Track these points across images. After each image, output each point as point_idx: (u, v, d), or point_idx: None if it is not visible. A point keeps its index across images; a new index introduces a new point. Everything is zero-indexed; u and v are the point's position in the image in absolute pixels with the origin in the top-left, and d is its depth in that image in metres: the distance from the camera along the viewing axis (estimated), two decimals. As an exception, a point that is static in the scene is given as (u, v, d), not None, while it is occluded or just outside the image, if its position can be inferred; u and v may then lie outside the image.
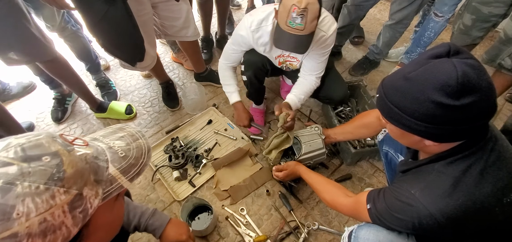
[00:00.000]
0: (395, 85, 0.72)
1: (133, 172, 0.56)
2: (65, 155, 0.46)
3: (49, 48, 1.51)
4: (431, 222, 0.71)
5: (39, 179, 0.42)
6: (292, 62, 1.57)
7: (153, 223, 1.04)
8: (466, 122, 0.65)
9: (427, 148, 0.76)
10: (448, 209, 0.70)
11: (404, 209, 0.77)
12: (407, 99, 0.68)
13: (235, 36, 1.52)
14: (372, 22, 2.87)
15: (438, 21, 1.88)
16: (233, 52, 1.58)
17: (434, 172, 0.76)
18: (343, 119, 1.86)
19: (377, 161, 1.70)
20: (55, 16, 1.72)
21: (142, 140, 0.63)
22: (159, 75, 2.01)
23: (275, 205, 1.50)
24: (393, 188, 0.84)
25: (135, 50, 1.52)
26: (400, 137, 0.80)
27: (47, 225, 0.42)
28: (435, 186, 0.74)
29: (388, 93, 0.74)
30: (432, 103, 0.64)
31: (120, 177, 0.54)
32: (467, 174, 0.71)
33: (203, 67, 2.14)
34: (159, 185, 1.61)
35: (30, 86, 2.19)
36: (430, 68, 0.65)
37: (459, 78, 0.61)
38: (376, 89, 0.80)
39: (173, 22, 1.69)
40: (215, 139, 1.82)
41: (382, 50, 2.18)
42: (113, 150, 0.56)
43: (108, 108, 1.95)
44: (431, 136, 0.70)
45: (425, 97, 0.65)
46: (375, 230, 0.89)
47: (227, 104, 2.06)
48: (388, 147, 1.22)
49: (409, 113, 0.69)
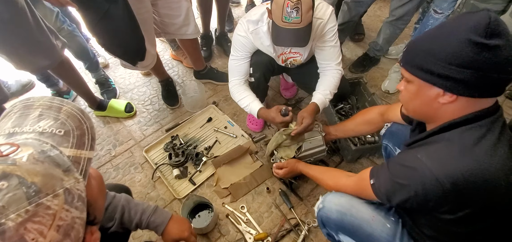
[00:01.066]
0: (426, 34, 0.72)
1: (87, 141, 0.52)
2: (15, 170, 0.40)
3: (55, 53, 1.49)
4: (436, 187, 0.69)
5: (20, 205, 0.38)
6: (296, 58, 1.56)
7: (155, 220, 1.03)
8: (491, 67, 0.65)
9: (439, 110, 0.74)
10: (456, 174, 0.68)
11: (408, 174, 0.75)
12: (437, 41, 0.69)
13: (237, 44, 1.49)
14: (373, 18, 2.86)
15: (438, 18, 1.87)
16: (240, 62, 1.53)
17: (444, 140, 0.74)
18: (344, 117, 1.86)
19: (377, 158, 1.70)
20: (47, 17, 1.69)
21: (65, 105, 0.54)
22: (158, 73, 2.01)
23: (276, 203, 1.50)
24: (397, 156, 0.83)
25: (136, 50, 1.51)
26: (414, 97, 0.78)
27: (64, 228, 0.42)
28: (444, 152, 0.72)
29: (417, 40, 0.74)
30: (461, 42, 0.65)
31: (81, 153, 0.50)
32: (480, 143, 0.69)
33: (203, 64, 2.13)
34: (159, 183, 1.61)
35: (28, 84, 2.18)
36: (465, 15, 0.68)
37: (492, 20, 0.63)
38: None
39: (173, 20, 1.68)
40: (215, 136, 1.82)
41: (383, 47, 2.17)
42: (48, 133, 0.49)
43: (108, 106, 1.94)
44: (451, 86, 0.69)
45: (456, 36, 0.66)
46: (339, 195, 1.02)
47: (227, 102, 2.06)
48: (388, 141, 1.23)
49: (436, 54, 0.69)
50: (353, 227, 0.95)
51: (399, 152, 0.87)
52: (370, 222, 0.92)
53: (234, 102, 2.03)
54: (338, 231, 1.00)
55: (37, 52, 1.43)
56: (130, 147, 1.81)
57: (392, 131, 1.21)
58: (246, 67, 1.55)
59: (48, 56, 1.47)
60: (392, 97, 2.09)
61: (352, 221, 0.94)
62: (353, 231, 0.95)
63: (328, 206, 1.01)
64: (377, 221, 0.92)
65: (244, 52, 1.50)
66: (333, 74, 1.51)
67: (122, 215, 0.98)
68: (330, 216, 1.00)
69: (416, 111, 0.83)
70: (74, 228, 0.44)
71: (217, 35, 2.47)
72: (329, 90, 1.48)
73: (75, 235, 0.44)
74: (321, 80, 1.54)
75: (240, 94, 1.56)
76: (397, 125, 1.17)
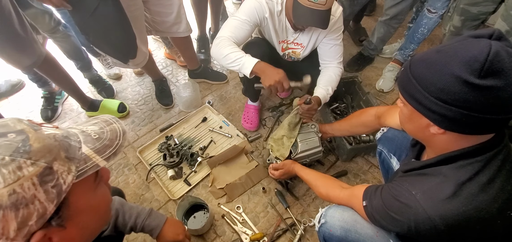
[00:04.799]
0: (424, 57, 0.68)
1: (108, 152, 0.57)
2: (31, 132, 0.47)
3: (36, 49, 1.46)
4: (429, 226, 0.68)
5: (4, 152, 0.43)
6: (295, 50, 1.56)
7: (150, 223, 1.02)
8: (485, 108, 0.59)
9: (432, 138, 0.72)
10: (449, 215, 0.66)
11: (402, 210, 0.74)
12: (429, 71, 0.65)
13: (246, 8, 1.37)
14: (366, 18, 2.86)
15: (431, 18, 1.88)
16: (242, 24, 1.37)
17: (441, 176, 0.71)
18: (339, 116, 1.87)
19: (372, 157, 1.71)
20: (42, 18, 1.65)
21: (117, 124, 0.63)
22: (151, 73, 1.98)
23: (271, 202, 1.50)
24: (392, 185, 0.80)
25: (127, 47, 1.48)
26: (408, 120, 0.77)
27: (18, 197, 0.42)
28: (439, 189, 0.69)
29: (413, 64, 0.70)
30: (452, 77, 0.60)
31: (95, 156, 0.54)
32: (474, 180, 0.67)
33: (197, 63, 2.11)
34: (154, 184, 1.59)
35: (18, 84, 2.13)
36: (465, 43, 0.61)
37: (489, 56, 0.56)
38: None
39: (164, 18, 1.65)
40: (210, 136, 1.80)
41: (377, 46, 2.18)
42: (86, 133, 0.57)
43: (100, 106, 1.91)
44: (439, 120, 0.66)
45: (448, 70, 0.61)
46: (342, 209, 0.95)
47: (222, 101, 2.05)
48: (383, 147, 1.22)
49: (426, 86, 0.65)
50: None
51: (394, 180, 0.84)
52: (375, 239, 0.89)
53: (229, 102, 2.04)
54: None
55: (23, 50, 1.40)
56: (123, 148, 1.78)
57: (388, 137, 1.20)
58: (244, 34, 1.39)
59: (33, 53, 1.44)
60: (387, 96, 2.10)
61: (357, 238, 0.90)
62: None
63: (331, 222, 0.95)
64: (381, 237, 0.89)
65: (249, 18, 1.38)
66: (335, 72, 1.54)
67: (116, 218, 0.97)
68: (333, 233, 0.94)
69: (411, 133, 0.81)
70: (28, 208, 0.43)
71: (212, 34, 2.45)
72: (331, 87, 1.51)
73: (24, 216, 0.43)
74: (322, 76, 1.55)
75: (229, 48, 1.33)
76: (394, 131, 1.16)
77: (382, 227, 0.84)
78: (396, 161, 1.15)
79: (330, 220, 0.95)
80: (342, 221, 0.93)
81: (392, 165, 1.17)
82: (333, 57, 1.53)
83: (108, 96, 2.05)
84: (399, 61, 2.18)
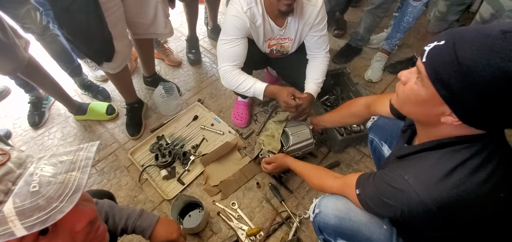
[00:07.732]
0: (482, 34, 0.57)
1: (35, 218, 0.42)
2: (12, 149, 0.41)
3: (18, 54, 1.41)
4: (421, 209, 0.68)
5: None
6: (284, 44, 1.57)
7: (141, 224, 1.01)
8: None
9: (437, 125, 0.70)
10: (441, 197, 0.66)
11: (395, 195, 0.74)
12: (482, 56, 0.55)
13: (228, 27, 1.41)
14: (352, 10, 2.88)
15: (416, 6, 1.91)
16: (231, 45, 1.43)
17: (434, 159, 0.71)
18: (329, 108, 1.88)
19: (363, 147, 1.73)
20: (32, 17, 1.60)
21: (76, 173, 0.47)
22: (124, 91, 1.78)
23: (266, 197, 1.51)
24: (385, 172, 0.81)
25: (101, 47, 1.40)
26: (418, 103, 0.69)
27: None
28: (431, 172, 0.69)
29: (461, 40, 0.59)
30: (496, 73, 0.54)
31: (13, 221, 0.41)
32: (466, 164, 0.66)
33: (153, 70, 2.03)
34: (147, 185, 1.58)
35: (4, 91, 2.08)
36: None
37: None
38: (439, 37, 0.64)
39: (141, 19, 1.57)
40: (202, 134, 1.80)
41: (364, 36, 2.20)
42: (33, 176, 0.44)
43: (88, 109, 1.88)
44: (466, 116, 0.62)
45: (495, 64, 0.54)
46: (335, 198, 0.97)
47: (212, 98, 2.03)
48: (374, 135, 1.23)
49: (466, 78, 0.57)
50: (352, 232, 0.92)
51: (387, 166, 0.85)
52: (369, 225, 0.90)
53: (220, 99, 2.02)
54: (336, 237, 0.96)
55: (4, 55, 1.37)
56: (114, 150, 1.76)
57: (378, 125, 1.20)
58: (238, 51, 1.44)
59: (15, 58, 1.40)
60: (375, 86, 2.12)
61: (351, 225, 0.91)
62: (352, 236, 0.92)
63: (325, 211, 0.96)
64: (375, 223, 0.90)
65: (236, 35, 1.41)
66: (323, 61, 1.57)
67: (106, 221, 0.95)
68: (328, 221, 0.95)
69: (411, 114, 0.77)
70: None
71: (210, 29, 2.43)
72: (321, 78, 1.55)
73: None
74: (311, 67, 1.58)
75: (238, 78, 1.44)
76: (384, 119, 1.17)
77: (376, 213, 0.85)
78: (387, 148, 1.17)
79: (324, 209, 0.96)
80: (336, 209, 0.94)
81: (383, 152, 1.19)
82: (320, 47, 1.56)
83: (104, 99, 2.01)
84: (386, 50, 2.20)
